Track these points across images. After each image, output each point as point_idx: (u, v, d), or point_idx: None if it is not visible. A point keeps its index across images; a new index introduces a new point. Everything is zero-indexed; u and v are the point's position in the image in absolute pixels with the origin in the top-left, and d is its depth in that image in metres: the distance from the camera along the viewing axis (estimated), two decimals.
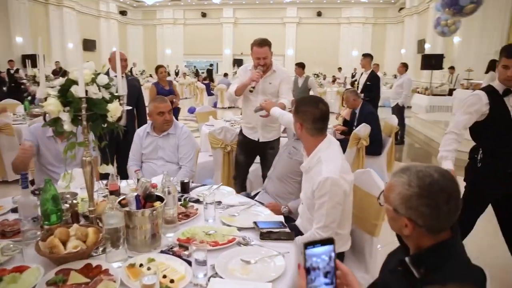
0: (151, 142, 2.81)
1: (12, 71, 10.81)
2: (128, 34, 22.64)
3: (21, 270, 1.30)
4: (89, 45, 17.82)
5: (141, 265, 1.33)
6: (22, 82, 8.78)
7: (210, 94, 13.27)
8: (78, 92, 1.34)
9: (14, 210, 1.81)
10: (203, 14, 22.42)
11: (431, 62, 10.69)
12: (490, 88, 2.30)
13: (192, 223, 1.78)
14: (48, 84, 1.50)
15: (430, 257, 1.05)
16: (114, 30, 20.94)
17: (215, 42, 22.02)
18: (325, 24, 21.03)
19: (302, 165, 1.97)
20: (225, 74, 15.19)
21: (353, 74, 14.87)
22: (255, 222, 1.72)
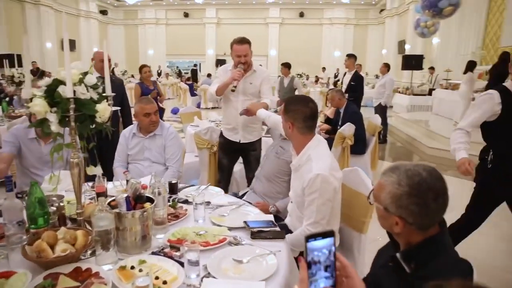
0: (138, 143, 2.77)
1: None
2: (109, 34, 22.23)
3: (7, 275, 1.26)
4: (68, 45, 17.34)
5: (132, 267, 1.32)
6: None
7: (193, 94, 13.17)
8: (66, 92, 1.31)
9: None
10: (186, 14, 22.27)
11: (412, 62, 10.94)
12: (503, 87, 2.29)
13: (182, 224, 1.77)
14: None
15: (420, 252, 1.08)
16: (94, 30, 20.52)
17: (198, 42, 21.90)
18: (307, 24, 21.23)
19: (292, 163, 1.98)
20: (208, 75, 15.15)
21: (335, 74, 15.05)
22: (246, 222, 1.73)
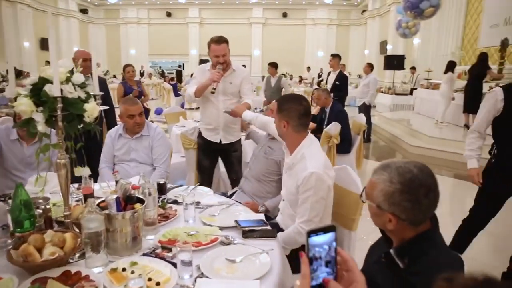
0: (124, 144, 2.72)
1: None
2: (89, 33, 21.78)
3: None
4: (47, 44, 16.68)
5: (124, 269, 1.29)
6: None
7: (177, 95, 13.04)
8: (53, 91, 1.27)
9: None
10: (168, 14, 22.01)
11: (393, 62, 11.15)
12: (509, 85, 2.33)
13: (172, 225, 1.75)
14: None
15: (413, 247, 1.10)
16: (74, 29, 20.05)
17: (181, 42, 21.67)
18: (290, 25, 21.32)
19: (286, 161, 1.98)
20: (192, 75, 15.02)
21: (319, 74, 15.16)
22: (237, 221, 1.72)
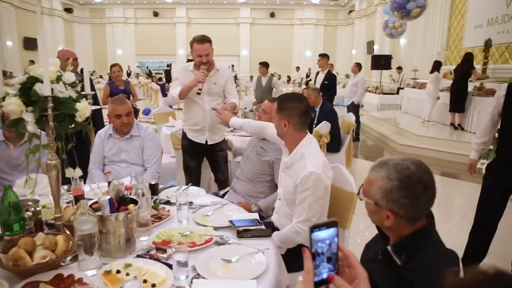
0: (114, 144, 2.68)
1: None
2: (75, 33, 21.43)
3: None
4: (30, 44, 16.37)
5: (118, 271, 1.27)
6: None
7: (165, 95, 12.94)
8: (43, 90, 1.24)
9: None
10: (155, 14, 21.81)
11: (380, 62, 11.28)
12: None
13: (165, 225, 1.73)
14: None
15: (409, 244, 1.10)
16: (59, 29, 19.69)
17: (168, 42, 21.50)
18: (278, 25, 21.36)
19: (284, 160, 1.98)
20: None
21: (307, 74, 15.23)
22: (231, 221, 1.71)
